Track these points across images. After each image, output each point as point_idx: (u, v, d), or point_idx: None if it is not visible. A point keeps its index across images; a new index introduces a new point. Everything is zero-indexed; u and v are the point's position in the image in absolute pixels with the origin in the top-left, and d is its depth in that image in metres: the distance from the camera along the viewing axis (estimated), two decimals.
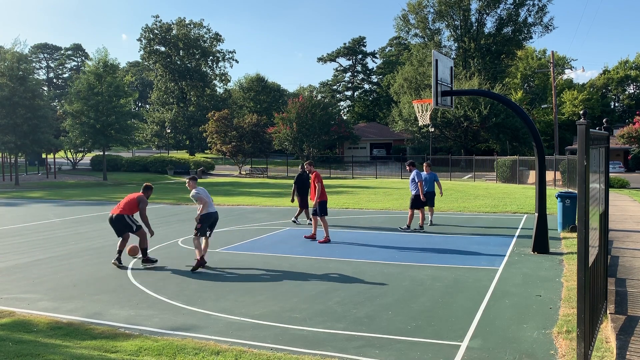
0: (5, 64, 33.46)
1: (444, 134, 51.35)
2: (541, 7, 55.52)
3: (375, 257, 10.16)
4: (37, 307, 7.13)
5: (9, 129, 33.18)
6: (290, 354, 5.35)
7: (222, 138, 47.27)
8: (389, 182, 34.62)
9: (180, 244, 11.86)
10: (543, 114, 63.11)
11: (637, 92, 75.94)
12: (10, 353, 5.11)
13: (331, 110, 55.84)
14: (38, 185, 34.61)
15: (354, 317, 6.53)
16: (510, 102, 11.71)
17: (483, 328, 6.07)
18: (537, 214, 10.48)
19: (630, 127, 29.48)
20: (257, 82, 79.08)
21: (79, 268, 9.55)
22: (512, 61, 62.12)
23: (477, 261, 9.66)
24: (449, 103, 11.61)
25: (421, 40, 59.88)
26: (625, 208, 17.19)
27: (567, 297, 7.18)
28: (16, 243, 12.36)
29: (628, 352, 4.99)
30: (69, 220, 16.47)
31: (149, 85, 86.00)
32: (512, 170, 32.94)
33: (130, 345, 5.57)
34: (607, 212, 6.53)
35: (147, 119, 69.46)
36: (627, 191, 24.73)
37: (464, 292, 7.57)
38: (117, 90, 37.24)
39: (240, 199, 22.86)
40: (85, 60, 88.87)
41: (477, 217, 16.14)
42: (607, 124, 6.27)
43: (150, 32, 68.23)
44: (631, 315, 6.00)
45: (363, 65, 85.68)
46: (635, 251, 9.79)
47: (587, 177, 4.34)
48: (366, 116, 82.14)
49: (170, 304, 7.19)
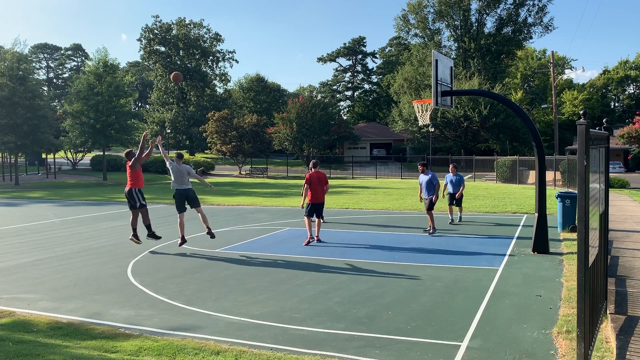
0: (5, 64, 33.45)
1: (444, 134, 51.34)
2: (541, 7, 55.57)
3: (375, 257, 10.16)
4: (37, 307, 7.12)
5: (9, 129, 33.17)
6: (290, 354, 5.35)
7: (222, 138, 47.26)
8: (389, 182, 34.63)
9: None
10: (543, 114, 63.11)
11: (637, 92, 75.93)
12: (10, 353, 5.11)
13: (331, 110, 55.79)
14: (38, 185, 34.60)
15: (354, 317, 6.53)
16: (510, 102, 11.71)
17: (483, 328, 6.07)
18: (537, 214, 10.48)
19: (630, 127, 29.46)
20: (257, 82, 79.06)
21: (79, 268, 9.55)
22: (512, 61, 62.11)
23: (477, 261, 9.66)
24: (449, 103, 11.61)
25: (421, 40, 59.86)
26: (625, 208, 17.19)
27: (567, 297, 7.18)
28: (16, 243, 12.36)
29: (628, 352, 4.99)
30: (69, 220, 16.47)
31: (149, 85, 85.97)
32: (512, 170, 32.94)
33: (130, 345, 5.57)
34: (607, 212, 6.53)
35: (147, 119, 69.42)
36: (627, 191, 24.73)
37: (464, 292, 7.57)
38: (117, 90, 37.24)
39: (240, 199, 22.85)
40: (85, 60, 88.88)
41: (477, 217, 16.14)
42: (607, 124, 6.27)
43: (150, 32, 68.23)
44: (631, 315, 6.00)
45: (363, 65, 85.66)
46: (635, 251, 9.79)
47: (587, 177, 4.34)
48: (366, 116, 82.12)
49: (170, 304, 7.19)
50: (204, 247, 11.48)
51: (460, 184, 14.63)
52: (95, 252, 11.10)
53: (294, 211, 17.76)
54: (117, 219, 16.49)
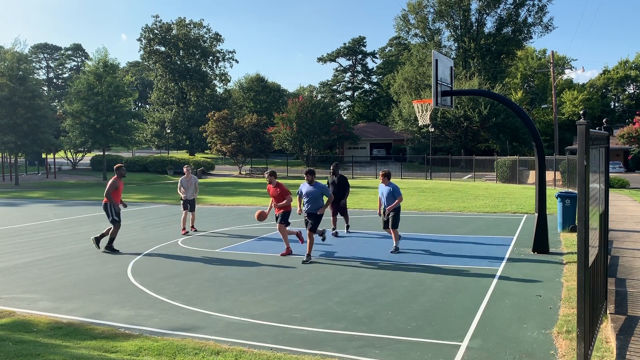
0: (5, 64, 33.46)
1: (444, 134, 51.35)
2: (541, 7, 55.55)
3: (375, 257, 10.16)
4: (37, 307, 7.12)
5: (9, 129, 33.18)
6: (290, 354, 5.35)
7: (222, 138, 47.25)
8: None
9: (180, 244, 11.86)
10: (543, 114, 63.12)
11: (637, 92, 75.95)
12: (10, 353, 5.11)
13: (331, 110, 55.82)
14: (38, 185, 34.59)
15: (354, 317, 6.53)
16: (510, 102, 11.71)
17: (483, 328, 6.07)
18: (537, 214, 10.48)
19: (630, 127, 29.48)
20: (257, 82, 79.05)
21: (79, 268, 9.55)
22: (512, 61, 62.11)
23: (477, 261, 9.66)
24: (449, 103, 11.61)
25: (421, 40, 59.85)
26: (625, 208, 17.20)
27: (567, 297, 7.18)
28: (16, 243, 12.36)
29: (628, 352, 4.99)
30: (69, 220, 16.47)
31: (149, 85, 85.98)
32: (512, 170, 32.94)
33: (130, 345, 5.57)
34: (607, 212, 6.53)
35: (147, 119, 69.41)
36: (627, 191, 24.73)
37: (464, 292, 7.57)
38: (117, 90, 37.25)
39: (240, 199, 22.84)
40: (85, 60, 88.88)
41: (477, 217, 16.14)
42: (607, 124, 6.27)
43: (150, 32, 68.21)
44: (631, 315, 6.00)
45: (363, 65, 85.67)
46: (635, 251, 9.79)
47: (587, 177, 4.34)
48: (366, 116, 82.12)
49: (170, 304, 7.19)
50: (204, 247, 11.49)
51: (395, 197, 10.54)
52: (95, 252, 11.10)
53: (294, 211, 17.74)
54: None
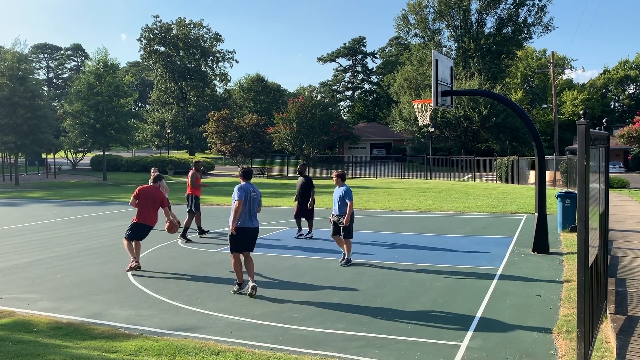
0: (5, 64, 33.46)
1: (444, 134, 51.34)
2: (541, 7, 55.50)
3: (375, 257, 10.16)
4: (37, 307, 7.12)
5: (9, 129, 33.17)
6: (290, 354, 5.35)
7: (222, 138, 47.23)
8: (389, 182, 34.62)
9: (180, 244, 11.86)
10: (543, 114, 63.10)
11: (637, 92, 75.94)
12: (10, 353, 5.11)
13: (331, 110, 55.80)
14: (38, 185, 34.59)
15: (354, 317, 6.53)
16: (510, 102, 11.71)
17: (483, 328, 6.07)
18: (537, 214, 10.48)
19: (630, 127, 29.46)
20: (257, 82, 79.01)
21: (79, 268, 9.55)
22: (512, 61, 62.06)
23: (477, 261, 9.66)
24: (449, 103, 11.61)
25: (421, 40, 59.82)
26: (625, 208, 17.19)
27: (567, 297, 7.18)
28: (16, 243, 12.36)
29: (628, 352, 4.99)
30: (69, 220, 16.47)
31: (149, 85, 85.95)
32: (512, 170, 32.94)
33: (130, 345, 5.57)
34: (607, 212, 6.53)
35: (147, 119, 69.39)
36: (627, 191, 24.73)
37: (464, 292, 7.57)
38: (117, 90, 37.23)
39: None
40: (85, 60, 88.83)
41: (477, 217, 16.13)
42: (607, 124, 6.27)
43: (150, 32, 68.19)
44: (631, 315, 6.00)
45: (363, 65, 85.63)
46: (635, 251, 9.79)
47: (587, 177, 4.34)
48: (366, 116, 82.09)
49: (170, 304, 7.19)
50: (204, 247, 11.49)
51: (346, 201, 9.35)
52: (95, 252, 11.10)
53: (293, 211, 17.74)
54: (117, 219, 16.49)
